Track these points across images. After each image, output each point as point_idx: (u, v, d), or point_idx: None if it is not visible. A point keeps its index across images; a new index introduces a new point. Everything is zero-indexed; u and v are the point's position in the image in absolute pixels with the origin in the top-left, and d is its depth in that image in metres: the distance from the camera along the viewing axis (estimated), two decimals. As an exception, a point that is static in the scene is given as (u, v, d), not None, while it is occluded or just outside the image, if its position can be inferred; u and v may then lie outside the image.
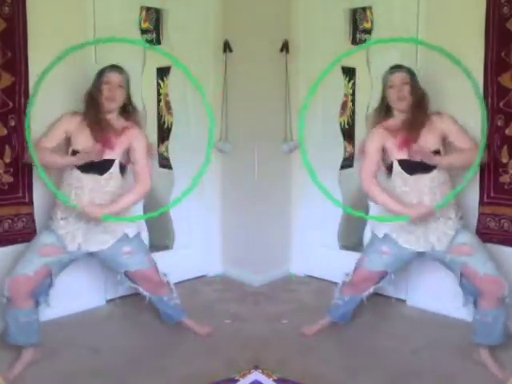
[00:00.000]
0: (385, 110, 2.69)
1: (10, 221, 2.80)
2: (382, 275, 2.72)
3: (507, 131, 2.75)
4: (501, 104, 2.75)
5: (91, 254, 2.65)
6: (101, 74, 2.63)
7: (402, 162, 2.57)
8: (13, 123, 2.74)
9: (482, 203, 2.88)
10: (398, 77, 2.61)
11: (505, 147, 2.76)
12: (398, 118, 2.65)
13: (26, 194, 2.83)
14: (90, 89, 2.65)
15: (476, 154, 2.45)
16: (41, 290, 2.52)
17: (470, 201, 2.91)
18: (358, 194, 3.70)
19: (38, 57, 2.77)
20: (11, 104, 2.72)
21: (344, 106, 3.64)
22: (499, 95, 2.74)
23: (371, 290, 2.78)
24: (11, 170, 2.76)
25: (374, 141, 2.65)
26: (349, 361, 2.59)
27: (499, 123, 2.76)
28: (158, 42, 3.38)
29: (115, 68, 2.65)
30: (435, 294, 3.08)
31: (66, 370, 2.49)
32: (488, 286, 2.45)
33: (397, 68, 2.66)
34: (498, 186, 2.82)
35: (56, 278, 2.58)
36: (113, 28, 3.15)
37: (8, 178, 2.76)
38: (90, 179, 2.54)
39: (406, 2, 3.13)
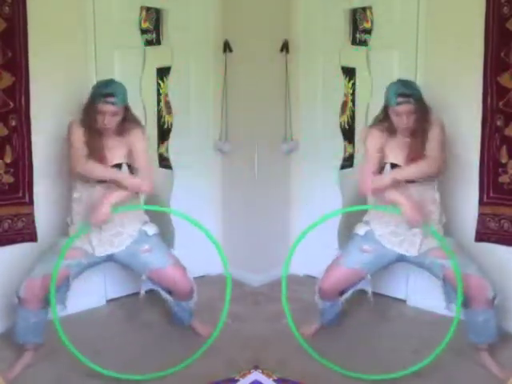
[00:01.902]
0: (385, 120, 2.61)
1: (9, 221, 2.80)
2: (360, 276, 2.64)
3: (506, 131, 2.75)
4: (500, 104, 2.75)
5: (110, 257, 2.64)
6: (93, 99, 2.53)
7: (393, 167, 2.56)
8: (13, 123, 2.74)
9: (481, 203, 2.88)
10: (405, 108, 2.48)
11: (504, 147, 2.77)
12: (397, 132, 2.59)
13: (26, 194, 2.83)
14: (84, 110, 2.58)
15: (429, 163, 2.51)
16: (56, 292, 2.51)
17: (469, 201, 2.91)
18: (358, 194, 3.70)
19: (38, 57, 2.77)
20: (12, 104, 2.72)
21: (344, 106, 3.64)
22: (499, 95, 2.74)
23: (349, 293, 2.70)
24: (11, 170, 2.77)
25: (374, 141, 2.63)
26: (349, 361, 2.59)
27: (498, 123, 2.76)
28: (158, 42, 3.38)
29: (107, 97, 2.49)
30: (435, 294, 3.07)
31: (66, 370, 2.50)
32: (472, 288, 2.43)
33: (404, 98, 2.48)
34: (498, 186, 2.82)
35: (73, 280, 2.58)
36: (113, 28, 3.16)
37: (8, 179, 2.76)
38: (103, 185, 2.55)
39: (406, 2, 3.13)
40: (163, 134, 3.59)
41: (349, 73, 3.48)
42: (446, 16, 2.95)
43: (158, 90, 3.44)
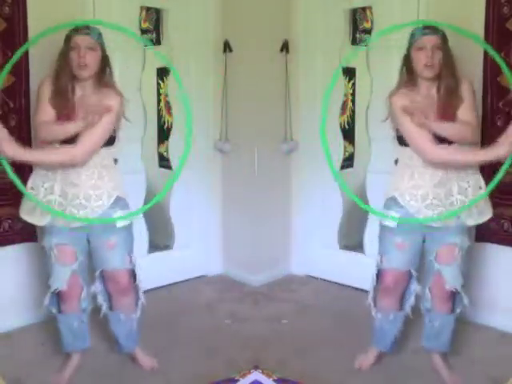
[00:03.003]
0: (408, 75, 2.35)
1: (9, 221, 2.80)
2: (409, 275, 2.42)
3: (507, 131, 2.75)
4: (500, 104, 2.75)
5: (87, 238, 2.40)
6: (67, 39, 2.28)
7: None
8: (13, 123, 2.74)
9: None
10: (431, 40, 2.25)
11: (504, 147, 2.76)
12: (422, 86, 2.32)
13: (26, 194, 2.83)
14: (57, 57, 2.31)
15: (469, 129, 2.27)
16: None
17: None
18: (358, 194, 3.70)
19: (38, 57, 2.77)
20: (12, 104, 2.72)
21: (344, 105, 3.64)
22: (498, 95, 2.74)
23: (411, 299, 2.46)
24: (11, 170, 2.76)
25: (403, 101, 2.30)
26: (349, 361, 2.59)
27: (499, 123, 2.76)
28: (158, 42, 3.38)
29: (82, 29, 2.27)
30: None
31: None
32: (446, 298, 2.39)
33: (430, 29, 2.27)
34: (498, 186, 2.81)
35: (86, 281, 2.41)
36: (113, 28, 3.16)
37: (8, 179, 2.75)
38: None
39: (406, 2, 3.13)
40: (163, 133, 3.60)
41: (349, 73, 3.48)
42: (446, 16, 2.94)
43: (158, 90, 3.44)
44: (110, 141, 2.33)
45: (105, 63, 2.35)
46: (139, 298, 2.48)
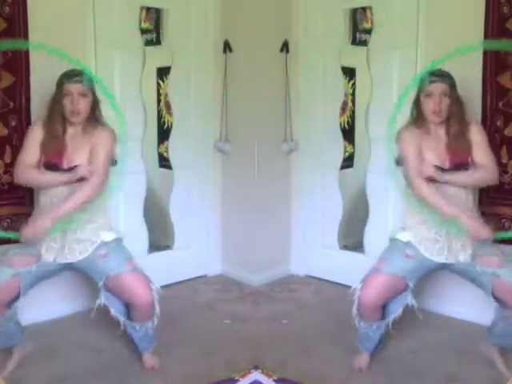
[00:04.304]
0: (417, 116, 2.48)
1: (9, 220, 2.80)
2: (403, 284, 2.41)
3: (506, 131, 2.75)
4: (500, 104, 2.75)
5: (69, 266, 2.45)
6: (60, 84, 2.42)
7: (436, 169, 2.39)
8: (13, 123, 2.74)
9: (481, 203, 2.88)
10: (439, 87, 2.38)
11: (504, 147, 2.77)
12: (431, 127, 2.45)
13: (26, 194, 2.83)
14: (50, 101, 2.46)
15: (489, 173, 2.42)
16: (14, 300, 2.36)
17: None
18: (358, 194, 3.71)
19: (38, 57, 2.77)
20: (12, 104, 2.72)
21: (344, 106, 3.64)
22: (498, 95, 2.74)
23: (398, 311, 2.45)
24: (11, 170, 2.76)
25: (411, 142, 2.44)
26: (349, 361, 2.59)
27: (498, 123, 2.76)
28: (158, 42, 3.38)
29: (74, 76, 2.41)
30: (436, 295, 3.08)
31: (66, 371, 2.49)
32: None
33: (438, 77, 2.41)
34: (498, 186, 2.81)
35: (26, 290, 2.34)
36: (113, 28, 3.16)
37: (8, 178, 2.76)
38: (65, 187, 2.38)
39: (406, 2, 3.14)
40: (163, 133, 3.60)
41: (349, 73, 3.48)
42: (446, 16, 2.95)
43: (158, 90, 3.44)
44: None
45: (95, 106, 2.50)
46: (154, 307, 2.44)
